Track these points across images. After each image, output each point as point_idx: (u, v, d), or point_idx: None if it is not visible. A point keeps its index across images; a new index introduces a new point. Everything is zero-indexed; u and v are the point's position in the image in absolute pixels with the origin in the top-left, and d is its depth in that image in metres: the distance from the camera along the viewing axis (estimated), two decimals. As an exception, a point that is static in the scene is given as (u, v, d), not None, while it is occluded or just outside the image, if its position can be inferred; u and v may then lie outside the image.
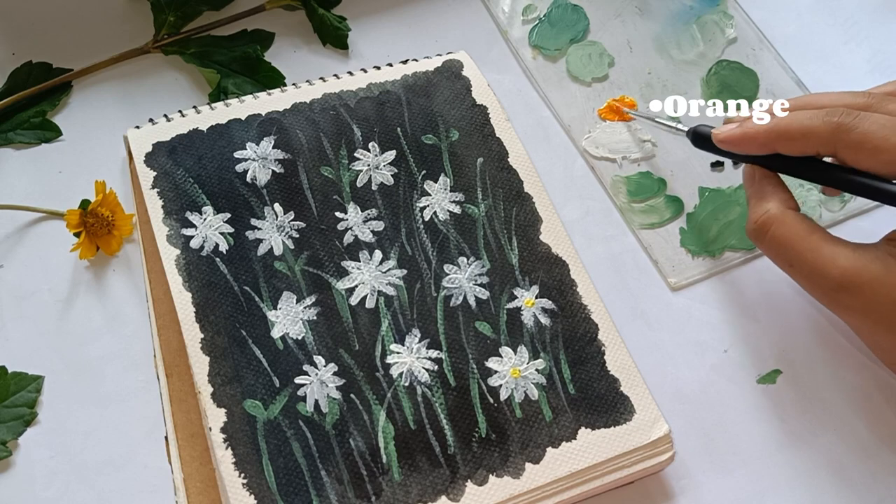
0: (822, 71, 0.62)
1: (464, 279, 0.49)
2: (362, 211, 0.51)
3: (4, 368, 0.48)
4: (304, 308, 0.47)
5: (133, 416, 0.47)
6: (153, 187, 0.50)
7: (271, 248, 0.49)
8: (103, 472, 0.46)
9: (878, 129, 0.44)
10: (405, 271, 0.49)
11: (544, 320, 0.48)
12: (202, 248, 0.48)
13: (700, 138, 0.51)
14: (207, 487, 0.44)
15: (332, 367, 0.46)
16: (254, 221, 0.49)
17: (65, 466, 0.46)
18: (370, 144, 0.53)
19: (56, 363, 0.48)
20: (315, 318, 0.47)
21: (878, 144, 0.44)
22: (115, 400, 0.48)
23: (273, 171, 0.51)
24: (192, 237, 0.48)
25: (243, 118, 0.53)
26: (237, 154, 0.51)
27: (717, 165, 0.58)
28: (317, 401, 0.45)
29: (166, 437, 0.46)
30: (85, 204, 0.50)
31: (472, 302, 0.49)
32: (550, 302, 0.49)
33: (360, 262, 0.49)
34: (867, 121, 0.44)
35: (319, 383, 0.45)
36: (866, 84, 0.63)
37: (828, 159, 0.47)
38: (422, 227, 0.51)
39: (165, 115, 0.52)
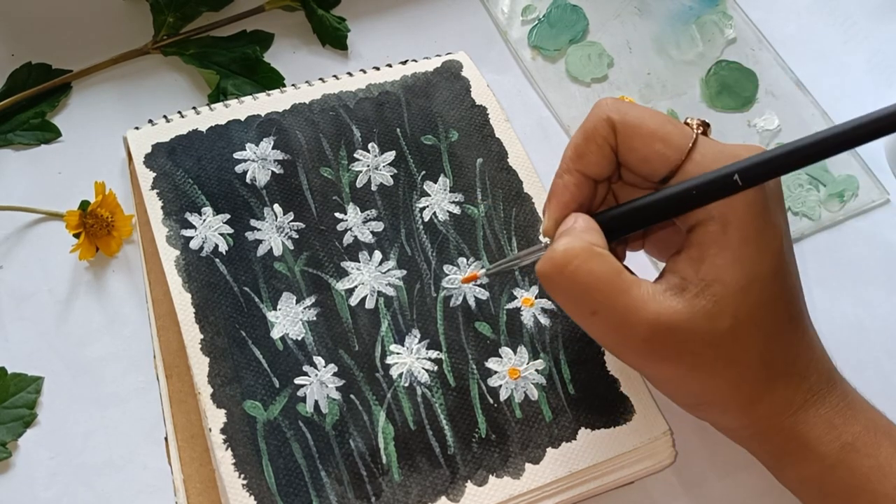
0: (821, 71, 0.63)
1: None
2: (362, 212, 0.51)
3: (4, 369, 0.48)
4: (304, 309, 0.47)
5: (133, 417, 0.47)
6: (152, 188, 0.50)
7: (271, 248, 0.49)
8: (103, 473, 0.46)
9: (649, 116, 0.42)
10: (405, 272, 0.49)
11: (544, 320, 0.48)
12: (202, 248, 0.48)
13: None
14: (207, 488, 0.44)
15: (332, 367, 0.46)
16: (253, 222, 0.49)
17: (65, 467, 0.46)
18: (370, 145, 0.53)
19: (56, 364, 0.48)
20: (315, 318, 0.47)
21: (653, 129, 0.41)
22: (114, 401, 0.48)
23: (272, 171, 0.51)
24: (191, 238, 0.48)
25: (243, 119, 0.53)
26: (236, 155, 0.51)
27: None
28: (316, 401, 0.45)
29: (166, 438, 0.46)
30: (84, 205, 0.50)
31: (471, 302, 0.49)
32: (550, 302, 0.49)
33: (359, 262, 0.49)
34: (635, 109, 0.42)
35: (319, 384, 0.45)
36: (866, 84, 0.63)
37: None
38: (421, 227, 0.51)
39: (165, 116, 0.52)
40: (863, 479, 0.41)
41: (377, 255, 0.49)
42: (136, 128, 0.52)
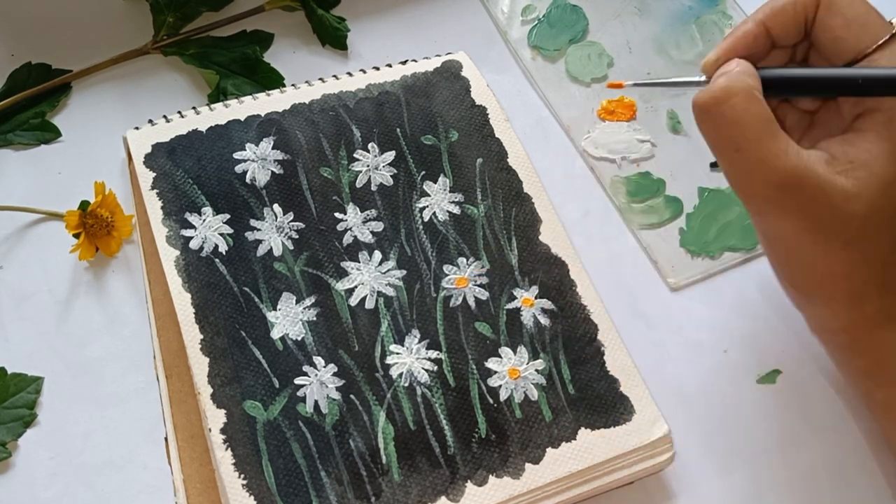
0: (821, 71, 0.62)
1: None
2: (362, 212, 0.51)
3: (4, 370, 0.48)
4: (304, 309, 0.47)
5: (133, 418, 0.47)
6: (152, 188, 0.50)
7: (271, 248, 0.49)
8: (103, 474, 0.46)
9: (858, 2, 0.43)
10: (405, 272, 0.49)
11: (544, 321, 0.48)
12: (201, 248, 0.48)
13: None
14: (207, 488, 0.44)
15: (332, 367, 0.46)
16: (253, 222, 0.49)
17: (64, 467, 0.46)
18: (369, 145, 0.53)
19: (56, 364, 0.48)
20: (315, 318, 0.47)
21: (856, 14, 0.42)
22: (114, 401, 0.48)
23: (272, 171, 0.51)
24: (191, 238, 0.48)
25: (242, 119, 0.53)
26: (236, 155, 0.51)
27: (716, 166, 0.57)
28: (316, 401, 0.45)
29: (166, 438, 0.46)
30: (84, 205, 0.50)
31: (471, 302, 0.49)
32: (550, 302, 0.49)
33: (359, 262, 0.49)
34: None
35: (319, 384, 0.45)
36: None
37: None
38: (421, 227, 0.51)
39: (165, 116, 0.52)
40: None
41: (377, 255, 0.49)
42: (136, 128, 0.52)
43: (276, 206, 0.50)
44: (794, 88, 0.44)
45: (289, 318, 0.47)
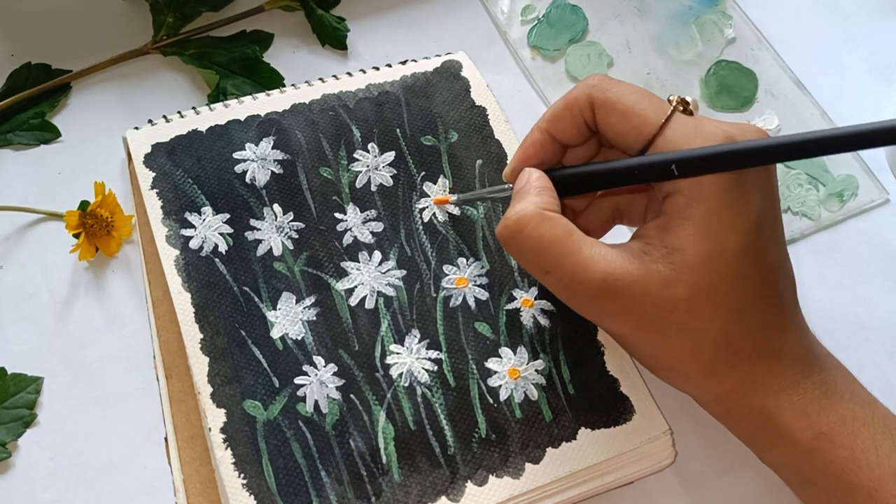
0: (820, 70, 0.63)
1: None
2: (361, 212, 0.51)
3: (4, 370, 0.48)
4: (304, 308, 0.47)
5: (133, 418, 0.47)
6: (152, 188, 0.49)
7: (270, 248, 0.49)
8: (103, 474, 0.46)
9: (628, 93, 0.44)
10: (404, 272, 0.49)
11: (543, 321, 0.48)
12: (201, 248, 0.48)
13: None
14: (207, 488, 0.44)
15: (332, 367, 0.46)
16: (253, 222, 0.49)
17: (64, 468, 0.46)
18: (369, 145, 0.53)
19: (55, 364, 0.48)
20: (314, 318, 0.47)
21: (629, 106, 0.43)
22: (114, 401, 0.48)
23: (272, 171, 0.51)
24: (191, 238, 0.48)
25: (242, 119, 0.52)
26: (236, 155, 0.51)
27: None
28: (316, 401, 0.45)
29: (166, 439, 0.46)
30: (84, 205, 0.50)
31: (471, 303, 0.49)
32: (549, 303, 0.49)
33: (359, 262, 0.49)
34: (619, 86, 0.44)
35: (319, 384, 0.45)
36: (865, 83, 0.63)
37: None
38: (421, 228, 0.51)
39: (164, 117, 0.52)
40: (837, 470, 0.41)
41: (377, 255, 0.49)
42: (136, 128, 0.52)
43: (275, 206, 0.50)
44: (588, 185, 0.45)
45: (289, 318, 0.47)
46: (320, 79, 0.55)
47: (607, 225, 0.50)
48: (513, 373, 0.47)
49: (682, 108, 0.43)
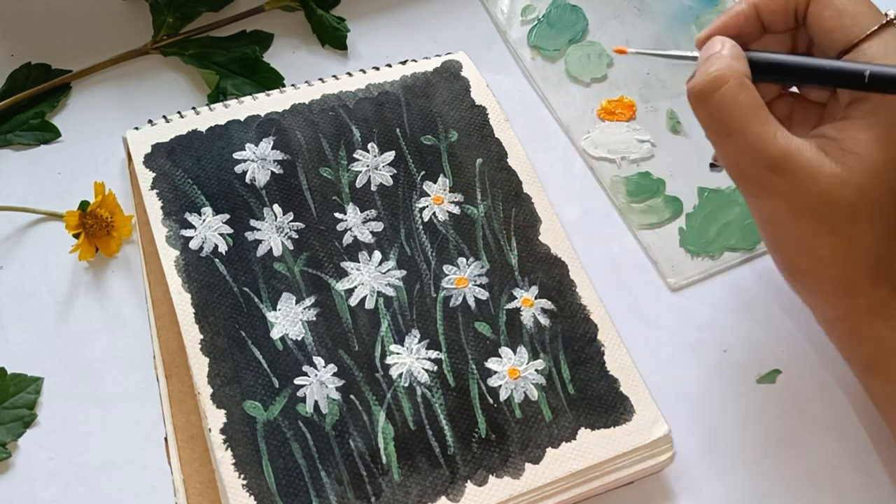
0: (820, 71, 0.62)
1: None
2: (361, 212, 0.51)
3: (4, 370, 0.48)
4: (304, 309, 0.47)
5: (132, 418, 0.47)
6: (152, 188, 0.50)
7: (270, 248, 0.49)
8: (103, 474, 0.46)
9: None
10: (404, 272, 0.49)
11: (543, 321, 0.48)
12: (201, 248, 0.48)
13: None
14: (207, 488, 0.44)
15: (332, 367, 0.46)
16: (253, 222, 0.49)
17: (64, 468, 0.46)
18: (369, 145, 0.53)
19: (55, 364, 0.48)
20: (314, 318, 0.47)
21: (846, 4, 0.43)
22: (114, 401, 0.48)
23: (272, 171, 0.51)
24: (191, 238, 0.48)
25: (242, 119, 0.53)
26: (236, 155, 0.51)
27: (715, 166, 0.58)
28: (316, 401, 0.45)
29: (166, 439, 0.46)
30: (84, 205, 0.50)
31: (471, 302, 0.49)
32: (550, 302, 0.49)
33: (359, 262, 0.49)
34: None
35: (319, 384, 0.45)
36: (865, 84, 0.63)
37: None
38: (421, 227, 0.51)
39: (164, 117, 0.52)
40: None
41: (377, 255, 0.49)
42: (136, 128, 0.52)
43: (275, 207, 0.50)
44: (778, 74, 0.45)
45: (288, 318, 0.47)
46: (320, 79, 0.55)
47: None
48: (513, 373, 0.47)
49: None
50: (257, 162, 0.51)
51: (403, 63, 0.57)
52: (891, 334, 0.42)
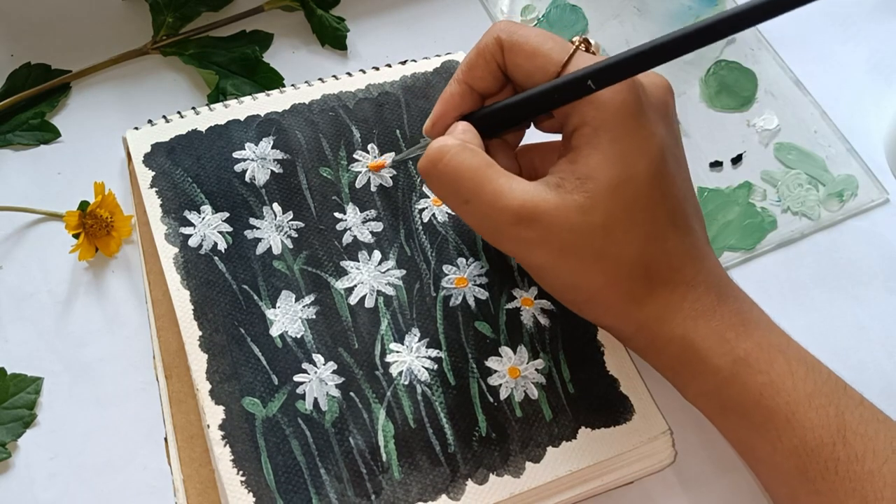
0: (820, 70, 0.63)
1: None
2: (361, 212, 0.51)
3: (3, 370, 0.48)
4: (303, 307, 0.47)
5: (132, 418, 0.47)
6: (151, 186, 0.49)
7: (270, 247, 0.49)
8: (103, 474, 0.46)
9: (534, 35, 0.45)
10: (404, 272, 0.49)
11: (543, 320, 0.48)
12: (200, 246, 0.48)
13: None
14: (207, 489, 0.44)
15: (332, 365, 0.46)
16: (252, 221, 0.49)
17: (64, 468, 0.46)
18: (369, 146, 0.53)
19: (55, 365, 0.48)
20: (314, 316, 0.47)
21: (534, 46, 0.44)
22: (114, 401, 0.48)
23: (272, 171, 0.51)
24: (190, 236, 0.48)
25: (242, 119, 0.53)
26: (236, 154, 0.51)
27: (715, 165, 0.58)
28: (316, 398, 0.45)
29: (166, 439, 0.46)
30: (84, 205, 0.50)
31: (471, 302, 0.49)
32: (549, 303, 0.49)
33: (358, 262, 0.49)
34: (524, 29, 0.45)
35: (318, 381, 0.45)
36: (865, 83, 0.63)
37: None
38: (420, 228, 0.51)
39: (164, 117, 0.52)
40: (756, 395, 0.42)
41: (376, 254, 0.49)
42: (136, 128, 0.52)
43: (275, 205, 0.50)
44: (504, 119, 0.46)
45: (288, 316, 0.47)
46: (320, 79, 0.55)
47: None
48: (513, 372, 0.47)
49: (584, 47, 0.45)
50: (257, 161, 0.51)
51: (403, 63, 0.57)
52: (682, 330, 0.43)
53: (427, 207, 0.51)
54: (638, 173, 0.42)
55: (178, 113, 0.53)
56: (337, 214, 0.50)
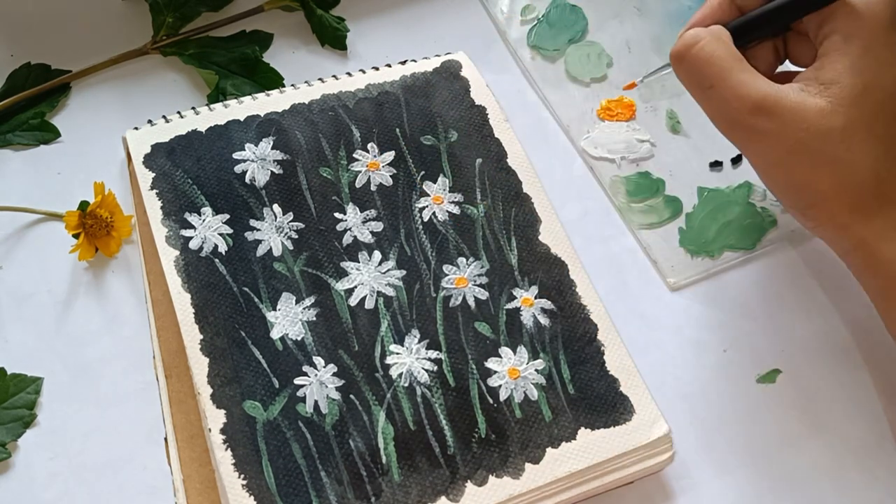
0: (820, 71, 0.62)
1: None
2: (361, 212, 0.51)
3: (4, 370, 0.48)
4: (304, 309, 0.47)
5: (132, 418, 0.47)
6: (152, 188, 0.50)
7: (270, 248, 0.49)
8: (103, 474, 0.46)
9: None
10: (404, 272, 0.49)
11: (543, 320, 0.48)
12: (201, 248, 0.48)
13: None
14: (207, 489, 0.44)
15: (332, 367, 0.46)
16: (253, 222, 0.49)
17: (64, 468, 0.46)
18: (369, 145, 0.53)
19: (55, 365, 0.48)
20: (314, 318, 0.47)
21: None
22: (114, 401, 0.48)
23: (272, 171, 0.51)
24: (190, 238, 0.48)
25: (242, 119, 0.53)
26: (236, 155, 0.51)
27: (715, 165, 0.58)
28: (316, 401, 0.45)
29: (166, 439, 0.46)
30: (84, 205, 0.50)
31: (471, 302, 0.49)
32: (549, 302, 0.49)
33: (359, 262, 0.49)
34: None
35: (319, 384, 0.45)
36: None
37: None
38: (421, 227, 0.51)
39: (164, 117, 0.52)
40: None
41: (377, 255, 0.49)
42: (136, 128, 0.52)
43: (275, 207, 0.50)
44: (757, 27, 0.47)
45: (288, 318, 0.47)
46: (320, 79, 0.55)
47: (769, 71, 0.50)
48: (513, 372, 0.47)
49: None
50: (257, 162, 0.51)
51: (403, 63, 0.57)
52: None
53: (427, 206, 0.51)
54: (884, 84, 0.43)
55: (178, 113, 0.53)
56: (337, 215, 0.50)
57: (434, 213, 0.51)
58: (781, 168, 0.45)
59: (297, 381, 0.45)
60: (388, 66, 0.57)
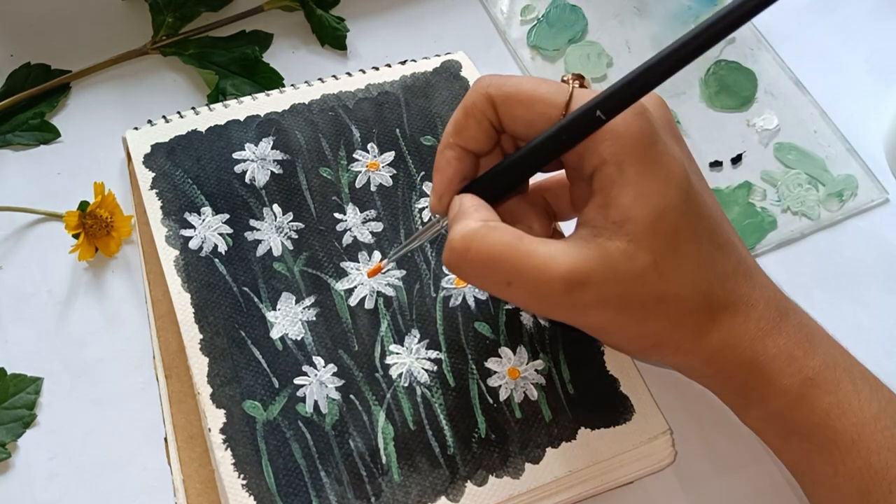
0: (820, 70, 0.63)
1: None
2: (361, 212, 0.51)
3: (3, 370, 0.48)
4: (304, 309, 0.47)
5: (132, 418, 0.47)
6: (152, 188, 0.50)
7: (270, 248, 0.49)
8: (103, 474, 0.46)
9: (525, 83, 0.42)
10: (404, 272, 0.49)
11: (543, 321, 0.48)
12: (201, 248, 0.48)
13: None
14: (207, 489, 0.44)
15: (332, 367, 0.46)
16: (252, 222, 0.49)
17: (64, 468, 0.46)
18: (369, 145, 0.53)
19: (55, 365, 0.48)
20: (314, 318, 0.47)
21: (529, 94, 0.41)
22: (114, 401, 0.48)
23: (272, 171, 0.51)
24: (190, 238, 0.48)
25: (242, 119, 0.53)
26: (236, 155, 0.51)
27: (715, 165, 0.58)
28: (316, 401, 0.45)
29: (165, 439, 0.46)
30: (84, 205, 0.50)
31: (471, 302, 0.49)
32: (549, 302, 0.49)
33: (358, 262, 0.49)
34: (511, 79, 0.42)
35: (319, 384, 0.45)
36: (864, 83, 0.63)
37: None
38: (421, 227, 0.51)
39: (164, 117, 0.52)
40: (822, 416, 0.41)
41: (376, 255, 0.49)
42: (136, 128, 0.52)
43: (275, 206, 0.50)
44: (515, 178, 0.43)
45: (288, 318, 0.47)
46: (320, 79, 0.55)
47: (545, 230, 0.47)
48: (512, 373, 0.47)
49: (578, 83, 0.42)
50: (257, 162, 0.51)
51: (403, 63, 0.57)
52: (751, 353, 0.41)
53: (427, 207, 0.51)
54: (672, 202, 0.40)
55: (178, 113, 0.53)
56: (337, 215, 0.50)
57: (434, 214, 0.51)
58: (615, 326, 0.42)
59: (297, 380, 0.45)
60: (388, 66, 0.57)
